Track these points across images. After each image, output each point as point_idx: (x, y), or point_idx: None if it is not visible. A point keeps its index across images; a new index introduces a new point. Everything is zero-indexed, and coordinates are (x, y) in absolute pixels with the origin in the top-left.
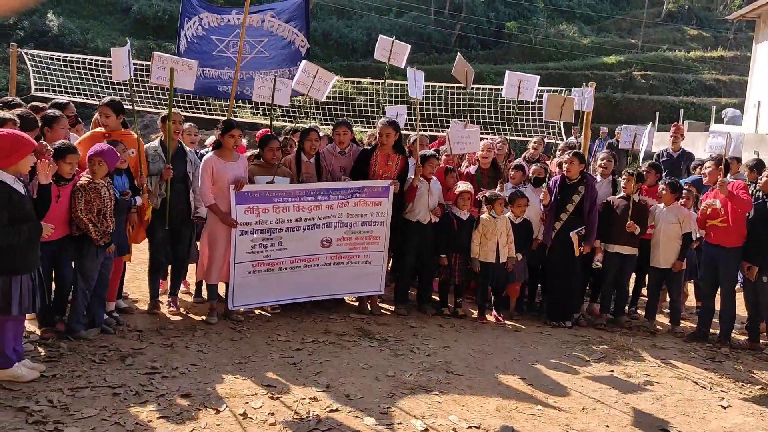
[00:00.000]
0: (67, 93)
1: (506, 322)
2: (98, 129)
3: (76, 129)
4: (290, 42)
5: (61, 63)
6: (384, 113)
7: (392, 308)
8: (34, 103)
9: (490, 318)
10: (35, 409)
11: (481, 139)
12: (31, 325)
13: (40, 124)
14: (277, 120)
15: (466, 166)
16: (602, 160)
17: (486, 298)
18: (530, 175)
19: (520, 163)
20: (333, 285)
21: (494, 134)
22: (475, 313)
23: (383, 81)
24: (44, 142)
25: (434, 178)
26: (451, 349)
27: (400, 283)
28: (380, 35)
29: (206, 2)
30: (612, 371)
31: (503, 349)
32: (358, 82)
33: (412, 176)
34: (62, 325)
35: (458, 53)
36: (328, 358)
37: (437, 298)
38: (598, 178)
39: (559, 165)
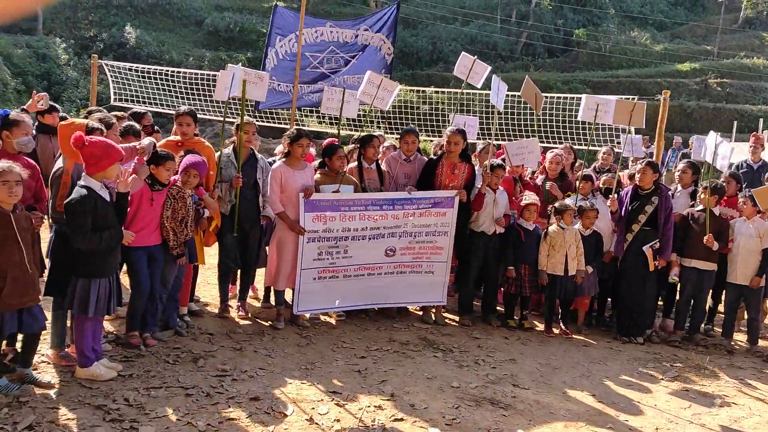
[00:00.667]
0: (143, 102)
1: (574, 336)
2: (172, 138)
3: (153, 137)
4: (377, 48)
5: (138, 74)
6: (449, 122)
7: (456, 318)
8: (114, 113)
9: (557, 331)
10: (112, 407)
11: (546, 149)
12: (109, 326)
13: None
14: (342, 129)
15: (532, 177)
16: (680, 170)
17: (553, 311)
18: (600, 185)
19: (588, 174)
20: (396, 294)
21: (560, 143)
22: (542, 326)
23: (453, 90)
24: (140, 146)
25: (501, 188)
26: (517, 362)
27: (464, 294)
28: (463, 52)
29: (305, 16)
30: (687, 390)
31: (571, 364)
32: (423, 91)
33: (479, 185)
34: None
35: (527, 76)
36: (392, 366)
37: (502, 310)
38: (679, 188)
39: (630, 176)
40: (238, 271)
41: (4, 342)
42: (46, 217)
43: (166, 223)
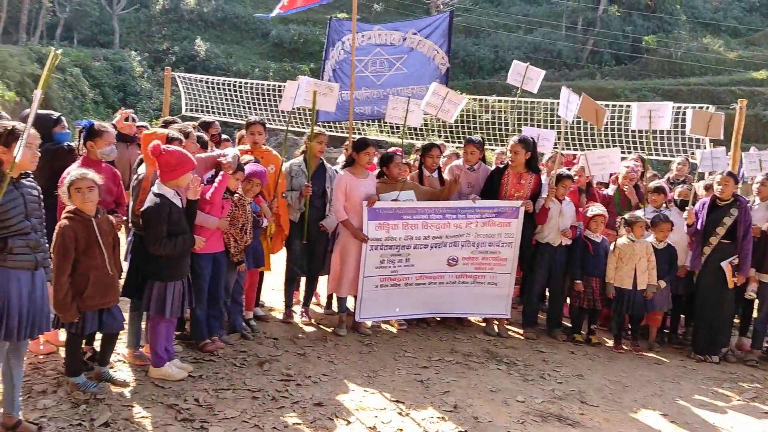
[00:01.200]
0: (212, 112)
1: (645, 353)
2: (242, 146)
3: (221, 146)
4: (430, 59)
5: (207, 85)
6: (518, 131)
7: (520, 331)
8: (187, 122)
9: (627, 348)
10: (183, 406)
11: (621, 159)
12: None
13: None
14: (404, 138)
15: (598, 186)
16: (758, 182)
17: (622, 326)
18: (675, 197)
19: (660, 185)
20: (457, 304)
21: (630, 152)
22: (610, 342)
23: (515, 99)
24: (226, 161)
25: (567, 199)
26: (585, 378)
27: (528, 306)
28: (515, 60)
29: (350, 22)
30: (766, 413)
31: (642, 382)
32: (485, 100)
33: (545, 196)
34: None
35: (583, 93)
36: (455, 378)
37: (568, 324)
38: (757, 201)
39: (707, 187)
40: (302, 278)
41: (84, 341)
42: (126, 219)
43: (228, 230)
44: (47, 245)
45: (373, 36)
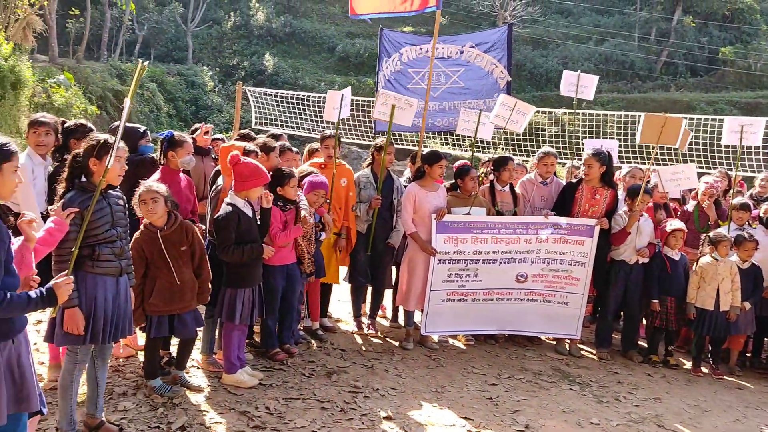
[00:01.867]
0: (280, 125)
1: (725, 377)
2: (316, 160)
3: (287, 158)
4: (488, 73)
5: (275, 98)
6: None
7: (593, 351)
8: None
9: (706, 370)
10: (255, 414)
11: (700, 175)
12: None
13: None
14: (465, 151)
15: (676, 201)
16: None
17: (702, 349)
18: (761, 214)
19: (745, 202)
20: (525, 322)
21: (710, 168)
22: (688, 364)
23: (584, 112)
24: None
25: (645, 215)
26: (663, 402)
27: (602, 326)
28: (564, 71)
29: (409, 34)
30: None
31: (723, 407)
32: (552, 113)
33: (621, 212)
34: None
35: (644, 115)
36: (525, 396)
37: (644, 344)
38: None
39: None
40: (368, 290)
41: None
42: (203, 228)
43: (302, 242)
44: (130, 252)
45: (430, 49)
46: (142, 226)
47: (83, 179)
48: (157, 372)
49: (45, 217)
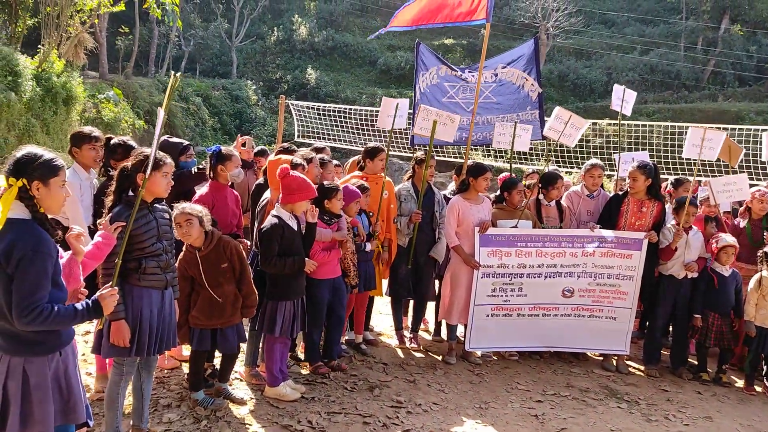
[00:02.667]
0: (322, 138)
1: None
2: (358, 173)
3: (329, 170)
4: (519, 87)
5: (317, 111)
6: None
7: (641, 368)
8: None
9: (760, 390)
10: (297, 428)
11: (751, 185)
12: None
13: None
14: (507, 162)
15: (727, 214)
16: None
17: (756, 367)
18: None
19: None
20: (572, 338)
21: (760, 180)
22: (740, 382)
23: (629, 123)
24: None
25: (694, 228)
26: (714, 421)
27: (650, 342)
28: (615, 85)
29: (443, 58)
30: None
31: None
32: (596, 124)
33: (669, 225)
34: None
35: (725, 134)
36: (571, 414)
37: (695, 362)
38: None
39: None
40: (410, 303)
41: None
42: (249, 243)
43: (349, 255)
44: (175, 265)
45: (466, 77)
46: (184, 247)
47: (131, 193)
48: (201, 384)
49: (92, 231)
